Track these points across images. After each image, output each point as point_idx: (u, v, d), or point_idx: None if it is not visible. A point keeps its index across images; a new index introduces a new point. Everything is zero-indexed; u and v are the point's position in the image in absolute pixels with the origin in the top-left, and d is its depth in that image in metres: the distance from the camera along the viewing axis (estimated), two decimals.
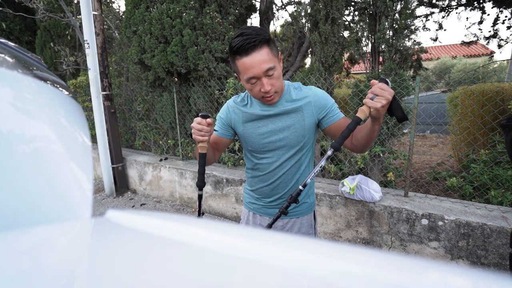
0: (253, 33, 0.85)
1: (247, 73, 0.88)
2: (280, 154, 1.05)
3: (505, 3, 4.39)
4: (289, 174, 1.07)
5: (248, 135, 1.05)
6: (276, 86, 0.92)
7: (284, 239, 0.30)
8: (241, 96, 1.09)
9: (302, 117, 1.01)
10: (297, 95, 1.02)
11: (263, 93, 0.92)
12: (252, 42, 0.84)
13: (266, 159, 1.07)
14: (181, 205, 3.45)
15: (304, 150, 1.07)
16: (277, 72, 0.90)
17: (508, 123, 1.34)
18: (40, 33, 6.22)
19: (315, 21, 2.84)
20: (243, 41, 0.84)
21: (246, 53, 0.85)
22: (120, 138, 3.83)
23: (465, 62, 12.62)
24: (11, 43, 0.60)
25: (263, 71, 0.87)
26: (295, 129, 1.02)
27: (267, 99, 0.94)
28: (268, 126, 1.03)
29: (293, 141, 1.03)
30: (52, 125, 0.46)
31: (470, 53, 13.52)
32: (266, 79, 0.89)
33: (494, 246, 1.83)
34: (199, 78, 3.30)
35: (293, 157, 1.05)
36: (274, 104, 1.01)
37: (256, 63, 0.86)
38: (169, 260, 0.26)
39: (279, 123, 1.02)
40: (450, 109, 3.90)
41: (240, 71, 0.90)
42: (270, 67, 0.87)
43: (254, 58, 0.85)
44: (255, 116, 1.03)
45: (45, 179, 0.40)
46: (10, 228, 0.33)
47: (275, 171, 1.08)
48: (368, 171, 2.76)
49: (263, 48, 0.86)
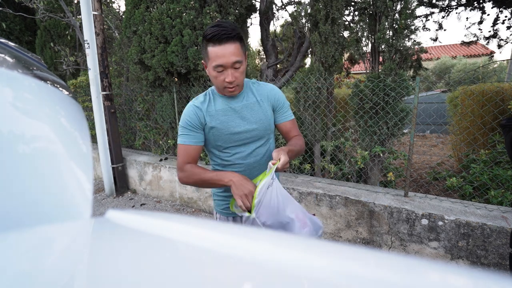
0: (229, 27, 0.93)
1: (217, 60, 0.94)
2: (253, 147, 1.10)
3: (505, 3, 4.38)
4: (262, 163, 1.13)
5: (218, 131, 1.05)
6: (239, 80, 0.99)
7: (284, 239, 0.30)
8: (199, 97, 1.09)
9: (264, 109, 1.10)
10: (257, 90, 1.12)
11: (226, 83, 0.98)
12: (227, 34, 0.91)
13: (238, 154, 1.09)
14: (181, 205, 3.45)
15: (270, 140, 1.16)
16: (242, 67, 0.98)
17: (508, 123, 1.34)
18: (40, 33, 6.22)
19: (315, 21, 2.84)
20: (219, 31, 0.91)
21: (220, 43, 0.92)
22: (120, 138, 3.83)
23: (465, 62, 12.62)
24: (11, 43, 0.60)
25: (232, 62, 0.94)
26: (262, 121, 1.09)
27: (229, 89, 1.00)
28: (236, 120, 1.06)
29: (262, 134, 1.10)
30: (52, 125, 0.46)
31: (470, 53, 13.52)
32: (232, 71, 0.96)
33: (494, 246, 1.83)
34: (199, 78, 3.30)
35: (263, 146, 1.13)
36: (237, 98, 1.07)
37: (226, 53, 0.93)
38: (169, 260, 0.26)
39: (246, 116, 1.07)
40: (450, 109, 3.90)
41: (210, 57, 0.95)
42: (238, 60, 0.95)
43: (226, 48, 0.92)
44: (222, 111, 1.06)
45: (45, 179, 0.40)
46: (10, 228, 0.33)
47: (250, 163, 1.11)
48: (368, 171, 2.76)
49: (236, 42, 0.94)
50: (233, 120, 1.06)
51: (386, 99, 2.48)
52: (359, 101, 2.66)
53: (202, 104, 1.06)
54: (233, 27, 0.93)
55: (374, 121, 2.59)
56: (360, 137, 2.75)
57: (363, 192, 2.39)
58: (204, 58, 1.00)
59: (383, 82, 2.46)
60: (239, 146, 1.08)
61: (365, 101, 2.60)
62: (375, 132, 2.62)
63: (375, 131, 2.61)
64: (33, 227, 0.34)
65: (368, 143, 2.68)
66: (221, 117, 1.05)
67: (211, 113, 1.05)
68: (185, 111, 1.07)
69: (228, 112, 1.06)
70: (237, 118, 1.06)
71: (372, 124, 2.61)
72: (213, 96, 1.09)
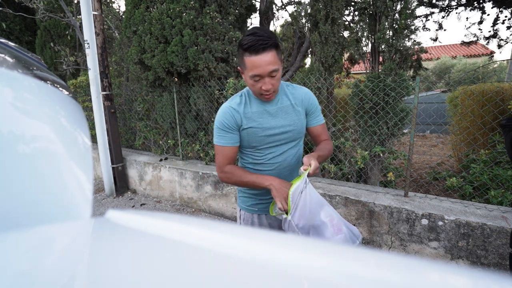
0: (265, 35, 0.92)
1: (254, 70, 0.95)
2: (285, 148, 1.13)
3: (505, 3, 4.38)
4: (292, 163, 1.16)
5: (253, 132, 1.09)
6: (275, 86, 1.01)
7: (284, 239, 0.30)
8: (235, 99, 1.11)
9: (298, 112, 1.12)
10: (292, 93, 1.14)
11: (263, 90, 0.99)
12: (264, 43, 0.92)
13: (270, 154, 1.13)
14: (181, 205, 3.45)
15: (301, 141, 1.19)
16: (278, 74, 0.99)
17: (508, 123, 1.34)
18: (40, 33, 6.22)
19: (315, 21, 2.84)
20: (255, 41, 0.91)
21: (256, 53, 0.93)
22: (120, 138, 3.83)
23: (465, 62, 12.62)
24: (11, 43, 0.60)
25: (268, 71, 0.95)
26: (296, 124, 1.11)
27: (265, 96, 1.02)
28: (270, 122, 1.09)
29: (295, 136, 1.13)
30: (52, 125, 0.46)
31: (470, 53, 13.52)
32: (269, 79, 0.97)
33: (494, 246, 1.83)
34: (199, 78, 3.29)
35: (294, 147, 1.16)
36: (272, 101, 1.09)
37: (263, 63, 0.93)
38: (169, 260, 0.26)
39: (280, 119, 1.10)
40: (450, 109, 3.90)
41: (246, 67, 0.97)
42: (274, 69, 0.95)
43: (263, 58, 0.93)
44: (258, 113, 1.09)
45: (45, 179, 0.40)
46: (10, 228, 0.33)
47: (280, 163, 1.13)
48: (368, 171, 2.76)
49: (272, 50, 0.94)
50: (268, 122, 1.08)
51: (386, 99, 2.48)
52: (359, 101, 2.66)
53: (238, 106, 1.08)
54: (269, 34, 0.94)
55: (374, 121, 2.59)
56: (360, 137, 2.75)
57: (363, 192, 2.39)
58: (241, 65, 1.02)
59: (383, 82, 2.46)
60: (272, 147, 1.12)
61: (365, 101, 2.60)
62: (375, 132, 2.62)
63: (375, 131, 2.61)
64: (33, 227, 0.34)
65: (368, 143, 2.68)
66: (257, 119, 1.08)
67: (248, 115, 1.08)
68: (221, 112, 1.09)
69: (263, 115, 1.08)
70: (272, 120, 1.09)
71: (372, 124, 2.61)
72: (249, 98, 1.11)
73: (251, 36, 0.92)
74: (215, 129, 1.10)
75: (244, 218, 1.24)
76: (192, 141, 3.64)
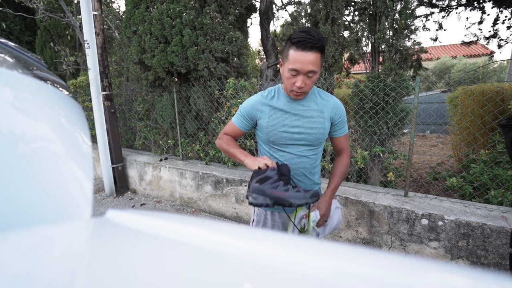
0: (316, 36, 0.95)
1: (294, 64, 0.98)
2: (301, 149, 1.15)
3: (505, 3, 4.38)
4: (308, 166, 1.17)
5: (273, 126, 1.12)
6: (307, 87, 1.03)
7: (284, 239, 0.30)
8: (268, 90, 1.18)
9: (323, 119, 1.13)
10: (322, 100, 1.15)
11: (295, 87, 1.02)
12: (313, 43, 0.94)
13: (286, 153, 1.15)
14: (181, 205, 3.45)
15: (320, 147, 1.20)
16: (315, 77, 1.02)
17: (508, 123, 1.34)
18: (40, 33, 6.21)
19: (315, 21, 2.84)
20: (306, 38, 0.94)
21: (303, 49, 0.95)
22: (120, 138, 3.82)
23: (465, 62, 12.61)
24: (11, 43, 0.60)
25: (307, 70, 0.98)
26: (317, 129, 1.13)
27: (295, 93, 1.05)
28: (293, 121, 1.11)
29: (314, 140, 1.14)
30: (52, 125, 0.46)
31: (470, 53, 13.52)
32: (304, 77, 1.00)
33: (494, 246, 1.83)
34: (199, 78, 3.29)
35: (312, 151, 1.17)
36: (300, 102, 1.12)
37: (305, 61, 0.96)
38: (169, 260, 0.26)
39: (303, 120, 1.12)
40: (450, 109, 3.90)
41: (288, 59, 0.99)
42: (313, 70, 0.98)
43: (307, 56, 0.96)
44: (282, 110, 1.12)
45: (45, 179, 0.40)
46: (10, 228, 0.33)
47: (296, 163, 1.15)
48: (368, 171, 2.76)
49: (317, 53, 0.97)
50: (289, 120, 1.11)
51: (386, 99, 2.48)
52: (359, 101, 2.66)
53: (267, 96, 1.15)
54: (320, 37, 0.96)
55: (374, 121, 2.59)
56: (360, 137, 2.75)
57: (363, 192, 2.39)
58: (283, 57, 1.04)
59: (383, 82, 2.46)
60: (289, 145, 1.14)
61: (365, 101, 2.60)
62: (375, 132, 2.62)
63: (375, 131, 2.61)
64: (33, 227, 0.34)
65: (368, 143, 2.68)
66: (279, 114, 1.12)
67: (273, 107, 1.12)
68: (250, 99, 1.17)
69: (287, 112, 1.12)
70: (294, 119, 1.11)
71: (372, 124, 2.61)
72: (278, 93, 1.16)
73: (304, 34, 0.95)
74: (239, 108, 1.20)
75: (257, 213, 1.28)
76: (192, 141, 3.64)
